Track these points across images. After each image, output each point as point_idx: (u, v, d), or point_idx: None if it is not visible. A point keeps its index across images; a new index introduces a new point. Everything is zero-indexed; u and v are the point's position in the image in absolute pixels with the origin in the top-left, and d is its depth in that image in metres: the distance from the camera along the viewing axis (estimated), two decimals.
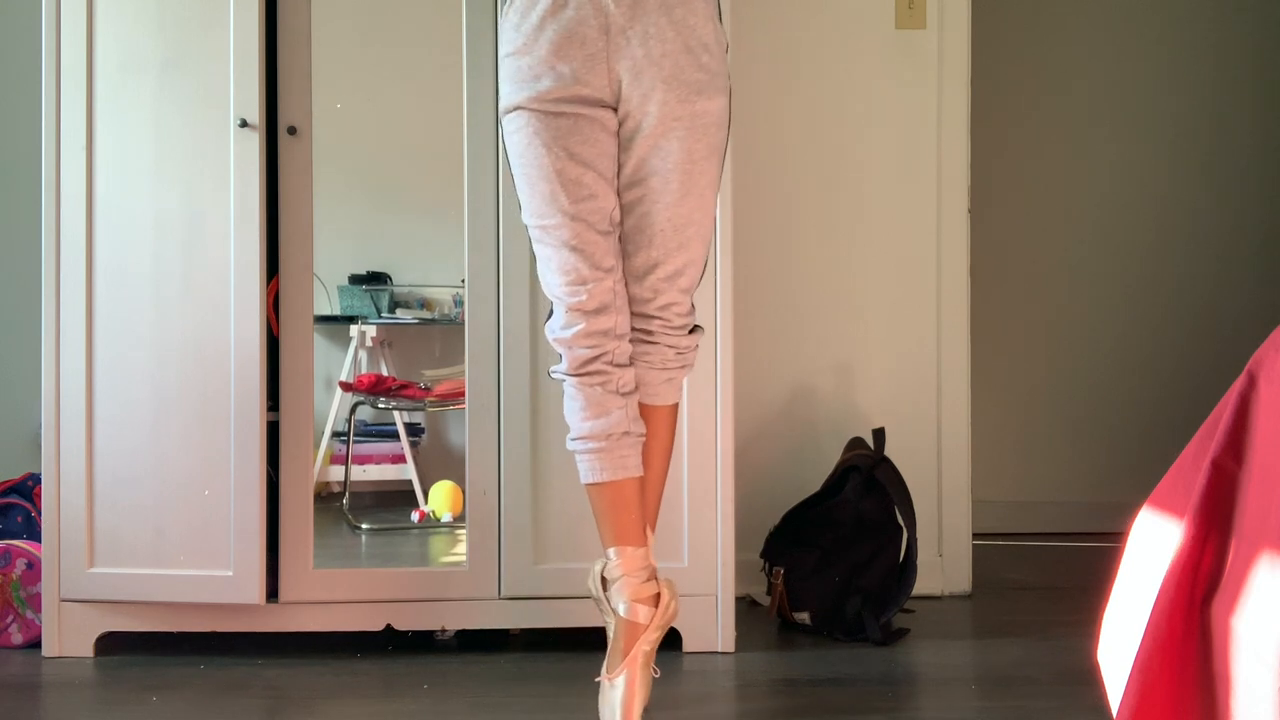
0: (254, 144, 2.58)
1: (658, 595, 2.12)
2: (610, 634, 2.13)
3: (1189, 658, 1.41)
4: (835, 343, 3.29)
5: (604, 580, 2.15)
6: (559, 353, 2.13)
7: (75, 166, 2.60)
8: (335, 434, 3.31)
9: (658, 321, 2.16)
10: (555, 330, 2.12)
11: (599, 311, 2.09)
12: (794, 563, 2.89)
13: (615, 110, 2.10)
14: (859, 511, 2.88)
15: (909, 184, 3.28)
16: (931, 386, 3.29)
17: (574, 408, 2.13)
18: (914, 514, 2.87)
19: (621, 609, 2.10)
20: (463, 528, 2.76)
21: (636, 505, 2.14)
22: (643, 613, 2.09)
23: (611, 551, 2.13)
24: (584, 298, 2.08)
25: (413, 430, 3.39)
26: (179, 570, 2.59)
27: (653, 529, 2.21)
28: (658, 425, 2.21)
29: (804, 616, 2.87)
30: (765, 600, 2.97)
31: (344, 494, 3.23)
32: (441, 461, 3.36)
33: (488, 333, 2.64)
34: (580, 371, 2.11)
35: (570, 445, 2.15)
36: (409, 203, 3.39)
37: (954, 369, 3.29)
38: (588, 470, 2.14)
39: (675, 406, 2.25)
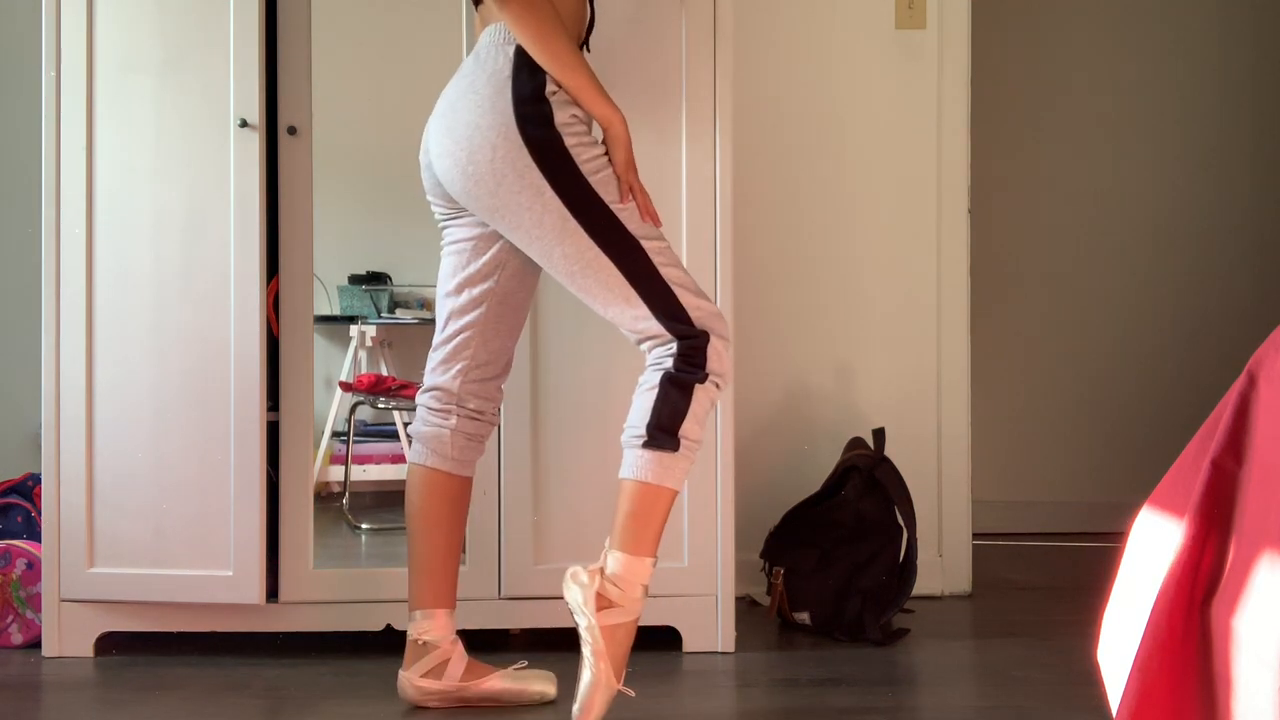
0: (254, 144, 2.58)
1: None
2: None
3: (1189, 658, 1.41)
4: (835, 343, 3.29)
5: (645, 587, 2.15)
6: (721, 379, 2.15)
7: (75, 166, 2.60)
8: (335, 434, 3.31)
9: None
10: (724, 336, 2.16)
11: None
12: (794, 563, 2.89)
13: None
14: (859, 511, 2.88)
15: (909, 184, 3.29)
16: (931, 386, 3.29)
17: (707, 413, 2.15)
18: (914, 514, 2.87)
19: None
20: None
21: None
22: None
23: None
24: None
25: None
26: (179, 570, 2.59)
27: None
28: None
29: (804, 616, 2.87)
30: (765, 600, 2.97)
31: (344, 494, 3.23)
32: None
33: None
34: (728, 382, 2.20)
35: (684, 451, 2.13)
36: (409, 203, 3.39)
37: (954, 369, 3.29)
38: (681, 474, 2.14)
39: None
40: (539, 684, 2.30)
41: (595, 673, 2.08)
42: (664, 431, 2.10)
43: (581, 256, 2.12)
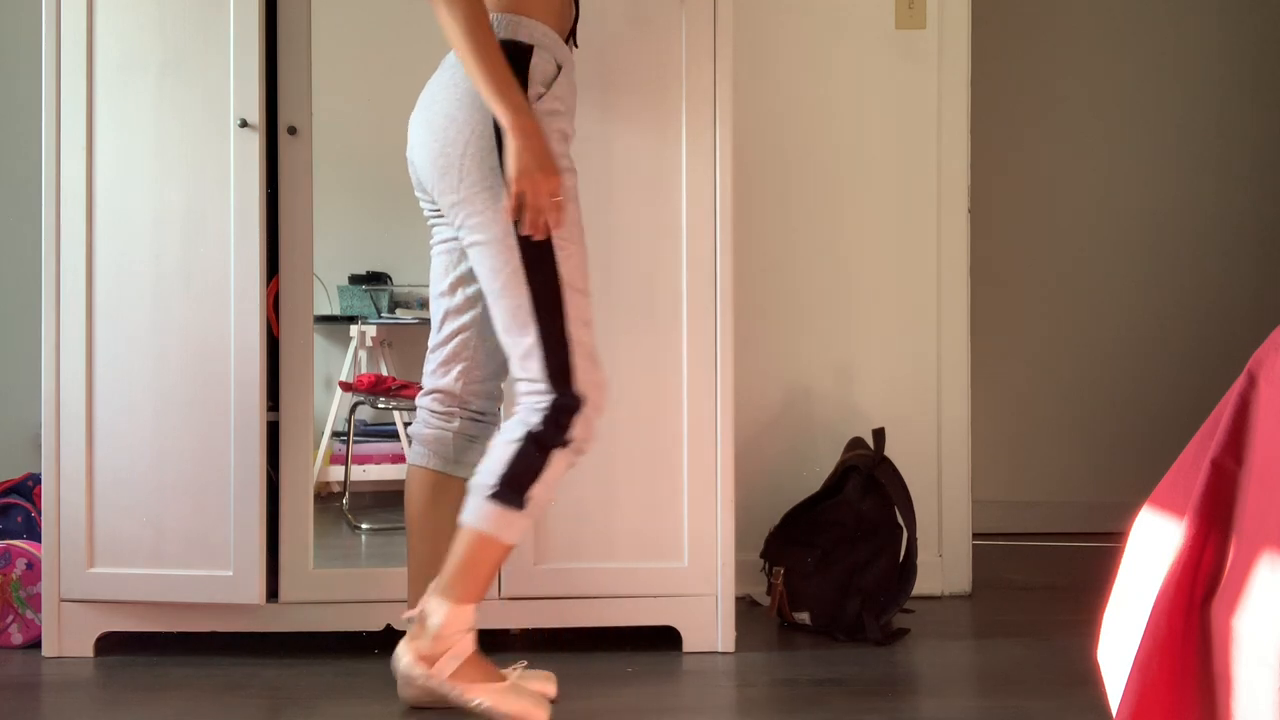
0: (254, 144, 2.58)
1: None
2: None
3: (1189, 658, 1.41)
4: (835, 343, 3.29)
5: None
6: (584, 445, 2.14)
7: (75, 166, 2.60)
8: (335, 434, 3.31)
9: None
10: (598, 407, 2.14)
11: None
12: (794, 563, 2.89)
13: None
14: (859, 511, 2.88)
15: (909, 184, 3.29)
16: (931, 386, 3.29)
17: (560, 477, 2.15)
18: (914, 514, 2.87)
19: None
20: None
21: None
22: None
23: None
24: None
25: None
26: (179, 570, 2.59)
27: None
28: None
29: (804, 616, 2.87)
30: (765, 600, 2.97)
31: (344, 494, 3.23)
32: None
33: None
34: (590, 447, 2.17)
35: (528, 510, 2.13)
36: (409, 203, 3.39)
37: (954, 369, 3.29)
38: (521, 531, 2.15)
39: None
40: (538, 684, 2.30)
41: (490, 701, 2.13)
42: (513, 489, 2.11)
43: (503, 273, 2.10)
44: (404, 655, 2.15)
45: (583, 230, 2.18)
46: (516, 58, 2.11)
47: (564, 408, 2.10)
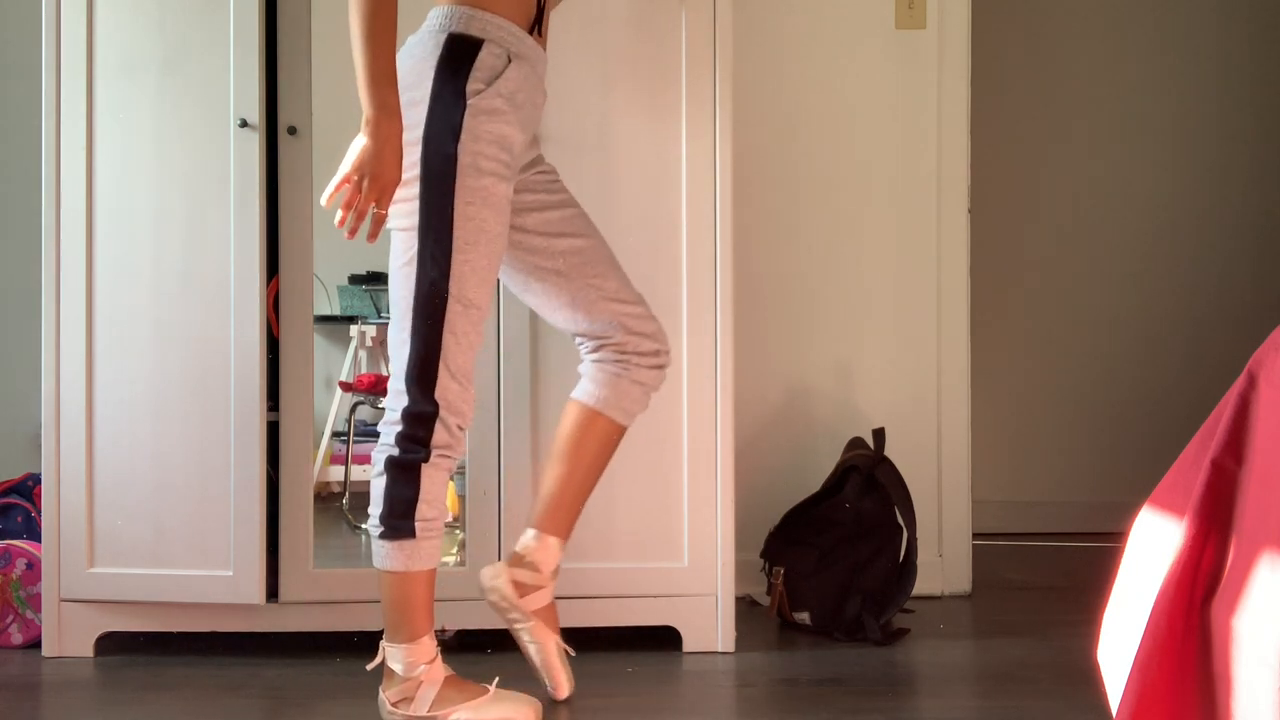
0: (254, 144, 2.58)
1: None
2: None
3: (1189, 658, 1.41)
4: (835, 343, 3.29)
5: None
6: (449, 450, 2.12)
7: (75, 166, 2.60)
8: (335, 434, 3.31)
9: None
10: (462, 417, 2.13)
11: None
12: (794, 563, 2.89)
13: None
14: (859, 511, 2.88)
15: (909, 184, 3.29)
16: (931, 386, 3.29)
17: (442, 489, 2.13)
18: (914, 514, 2.87)
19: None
20: (462, 527, 2.76)
21: None
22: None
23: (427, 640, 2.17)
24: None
25: None
26: (179, 570, 2.59)
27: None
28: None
29: (804, 616, 2.87)
30: (765, 600, 2.97)
31: (344, 494, 3.23)
32: None
33: (487, 332, 2.63)
34: (459, 453, 2.14)
35: (423, 533, 2.11)
36: None
37: (954, 369, 3.29)
38: (429, 554, 2.12)
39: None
40: (567, 677, 2.31)
41: (467, 714, 2.13)
42: (399, 519, 2.10)
43: (398, 261, 2.12)
44: (383, 706, 2.17)
45: (498, 245, 2.13)
46: (464, 52, 2.10)
47: (418, 415, 2.09)
